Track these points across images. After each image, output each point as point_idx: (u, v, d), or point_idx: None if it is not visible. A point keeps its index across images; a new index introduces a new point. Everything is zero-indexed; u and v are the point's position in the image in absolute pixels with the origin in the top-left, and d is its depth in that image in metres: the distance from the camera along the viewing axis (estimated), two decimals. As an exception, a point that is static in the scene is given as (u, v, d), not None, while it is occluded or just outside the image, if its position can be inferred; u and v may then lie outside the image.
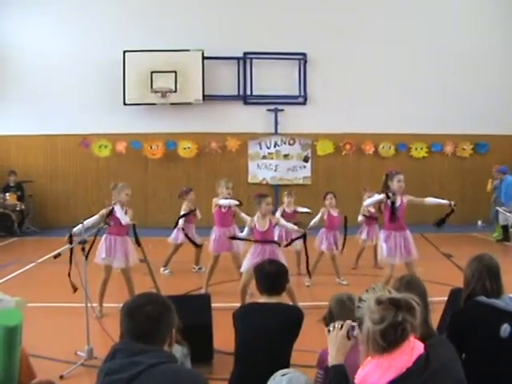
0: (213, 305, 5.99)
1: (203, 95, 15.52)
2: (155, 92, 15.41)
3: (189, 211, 9.96)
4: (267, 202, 7.45)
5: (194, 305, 5.77)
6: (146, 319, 2.63)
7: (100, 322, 6.53)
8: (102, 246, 7.54)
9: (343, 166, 16.15)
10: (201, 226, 10.22)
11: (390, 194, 7.43)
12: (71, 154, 16.04)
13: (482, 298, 3.63)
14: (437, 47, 15.80)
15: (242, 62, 16.05)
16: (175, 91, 15.46)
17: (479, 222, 14.73)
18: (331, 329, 2.83)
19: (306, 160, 16.25)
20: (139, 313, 2.65)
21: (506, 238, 13.35)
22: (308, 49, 15.96)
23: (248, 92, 16.10)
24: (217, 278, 8.82)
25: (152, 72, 15.38)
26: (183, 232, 9.73)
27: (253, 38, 15.73)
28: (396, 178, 7.56)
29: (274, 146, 16.22)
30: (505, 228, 13.46)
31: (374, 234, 10.21)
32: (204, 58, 15.50)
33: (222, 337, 5.61)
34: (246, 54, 15.96)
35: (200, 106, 15.61)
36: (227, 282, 9.01)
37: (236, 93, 16.10)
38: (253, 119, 16.01)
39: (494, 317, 3.51)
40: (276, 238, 7.87)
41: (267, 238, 7.39)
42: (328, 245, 9.28)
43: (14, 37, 15.70)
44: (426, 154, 16.23)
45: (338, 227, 9.33)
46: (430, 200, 7.72)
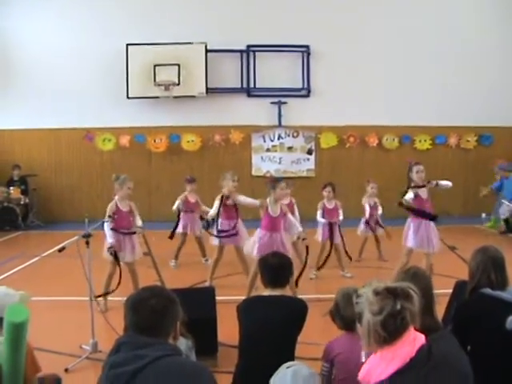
0: (217, 298, 6.00)
1: (206, 88, 15.48)
2: (158, 85, 15.37)
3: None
4: (282, 186, 7.49)
5: (199, 298, 5.78)
6: (151, 312, 2.63)
7: (104, 316, 6.54)
8: (107, 241, 7.50)
9: (347, 159, 16.10)
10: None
11: (413, 189, 7.55)
12: (75, 147, 16.04)
13: (487, 290, 3.62)
14: (440, 38, 15.71)
15: (245, 54, 16.00)
16: (178, 84, 15.42)
17: (483, 215, 14.68)
18: None
19: (309, 152, 16.21)
20: (143, 306, 2.66)
21: (509, 230, 13.38)
22: (311, 41, 15.88)
23: (251, 85, 16.05)
24: (221, 270, 8.82)
25: (155, 65, 15.33)
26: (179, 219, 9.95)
27: (256, 31, 15.66)
28: (415, 169, 7.63)
29: (278, 139, 16.19)
30: (506, 221, 13.49)
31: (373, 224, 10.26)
32: (207, 50, 15.46)
33: (227, 330, 5.62)
34: (249, 46, 15.90)
35: (203, 98, 15.58)
36: (232, 275, 9.03)
37: (239, 85, 16.06)
38: (256, 112, 15.97)
39: (500, 309, 3.49)
40: None
41: (277, 224, 7.41)
42: (323, 236, 9.30)
43: (16, 32, 15.66)
44: (429, 146, 16.17)
45: (333, 218, 9.29)
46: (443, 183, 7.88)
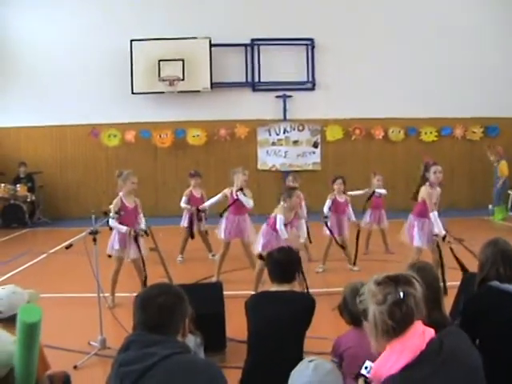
0: (225, 293, 6.00)
1: (211, 83, 15.47)
2: (163, 80, 15.37)
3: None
4: (297, 194, 7.58)
5: (206, 293, 5.77)
6: (159, 310, 2.64)
7: (112, 312, 6.55)
8: (114, 236, 7.51)
9: (353, 152, 16.07)
10: (210, 214, 10.19)
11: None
12: (80, 144, 16.07)
13: (496, 283, 3.60)
14: (446, 30, 15.64)
15: (249, 48, 15.98)
16: (183, 79, 15.41)
17: (490, 206, 14.66)
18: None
19: (315, 146, 16.19)
20: (152, 304, 2.66)
21: None
22: (316, 34, 15.85)
23: (256, 79, 16.04)
24: (228, 265, 8.83)
25: (159, 60, 15.34)
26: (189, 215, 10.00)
27: (260, 25, 15.64)
28: (432, 170, 7.53)
29: (284, 133, 16.17)
30: None
31: (378, 217, 10.24)
32: (211, 45, 15.44)
33: (235, 325, 5.62)
34: (253, 40, 15.88)
35: (208, 93, 15.58)
36: (239, 270, 9.02)
37: (244, 80, 16.05)
38: (261, 106, 15.96)
39: (508, 302, 3.48)
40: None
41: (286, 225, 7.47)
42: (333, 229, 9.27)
43: (21, 29, 15.70)
44: (435, 138, 16.12)
45: (343, 212, 9.27)
46: (433, 217, 7.36)
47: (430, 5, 15.74)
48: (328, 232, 9.08)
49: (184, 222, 10.04)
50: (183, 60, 15.35)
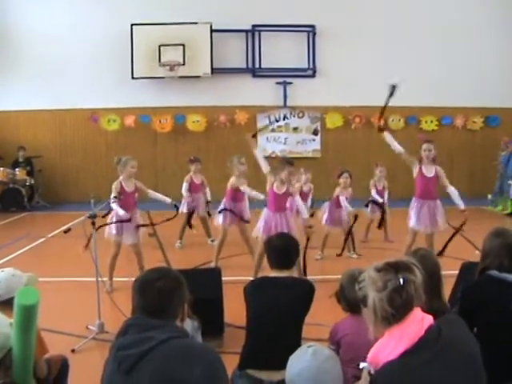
0: (223, 278, 6.01)
1: (211, 68, 15.43)
2: (163, 65, 15.33)
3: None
4: (290, 171, 7.46)
5: (205, 279, 5.79)
6: (158, 294, 2.63)
7: (110, 296, 6.55)
8: (112, 220, 7.51)
9: (353, 139, 16.04)
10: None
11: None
12: (80, 128, 16.03)
13: (495, 272, 3.59)
14: (446, 19, 15.57)
15: (250, 34, 15.91)
16: (183, 64, 15.37)
17: (489, 196, 14.65)
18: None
19: (315, 133, 16.18)
20: (151, 288, 2.65)
21: None
22: (317, 21, 15.78)
23: (257, 65, 15.99)
24: (227, 251, 8.82)
25: (160, 45, 15.28)
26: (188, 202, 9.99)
27: (261, 11, 15.57)
28: (423, 147, 7.58)
29: (283, 119, 16.15)
30: None
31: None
32: (212, 30, 15.37)
33: (233, 311, 5.64)
34: (254, 26, 15.80)
35: (208, 79, 15.53)
36: (237, 256, 9.04)
37: (244, 66, 15.99)
38: (261, 92, 15.90)
39: (507, 291, 3.48)
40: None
41: (282, 202, 7.39)
42: (331, 221, 9.25)
43: (21, 12, 15.61)
44: (435, 127, 16.10)
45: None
46: (452, 192, 7.43)
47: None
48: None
49: (183, 208, 10.02)
50: (184, 45, 15.29)
